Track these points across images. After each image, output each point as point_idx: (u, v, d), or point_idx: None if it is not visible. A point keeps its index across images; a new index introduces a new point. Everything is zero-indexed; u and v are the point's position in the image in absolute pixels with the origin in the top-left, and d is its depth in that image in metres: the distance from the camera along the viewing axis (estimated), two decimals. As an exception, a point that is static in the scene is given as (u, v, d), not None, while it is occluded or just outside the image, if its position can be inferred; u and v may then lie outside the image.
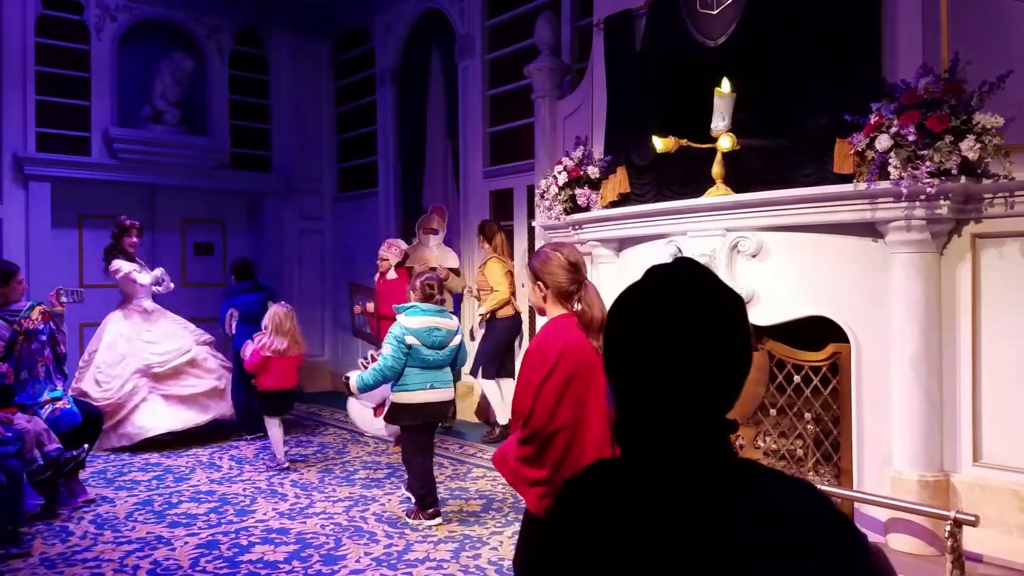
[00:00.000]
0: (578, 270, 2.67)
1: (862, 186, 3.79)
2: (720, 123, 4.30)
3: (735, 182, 4.45)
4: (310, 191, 9.81)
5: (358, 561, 3.97)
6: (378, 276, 7.21)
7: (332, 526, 4.52)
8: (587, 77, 6.04)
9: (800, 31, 4.26)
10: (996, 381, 3.70)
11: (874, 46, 4.07)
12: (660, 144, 4.56)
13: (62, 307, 5.41)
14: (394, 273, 7.06)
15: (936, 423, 3.80)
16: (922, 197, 3.64)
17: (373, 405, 5.45)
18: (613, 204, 5.35)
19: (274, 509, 4.86)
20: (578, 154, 5.66)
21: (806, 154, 4.21)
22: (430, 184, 8.53)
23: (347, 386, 4.71)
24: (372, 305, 6.96)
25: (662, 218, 4.77)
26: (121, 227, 6.81)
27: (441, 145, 8.44)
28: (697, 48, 4.80)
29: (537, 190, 6.11)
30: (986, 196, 3.68)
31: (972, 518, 3.35)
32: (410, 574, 3.80)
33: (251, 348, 5.84)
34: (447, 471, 5.67)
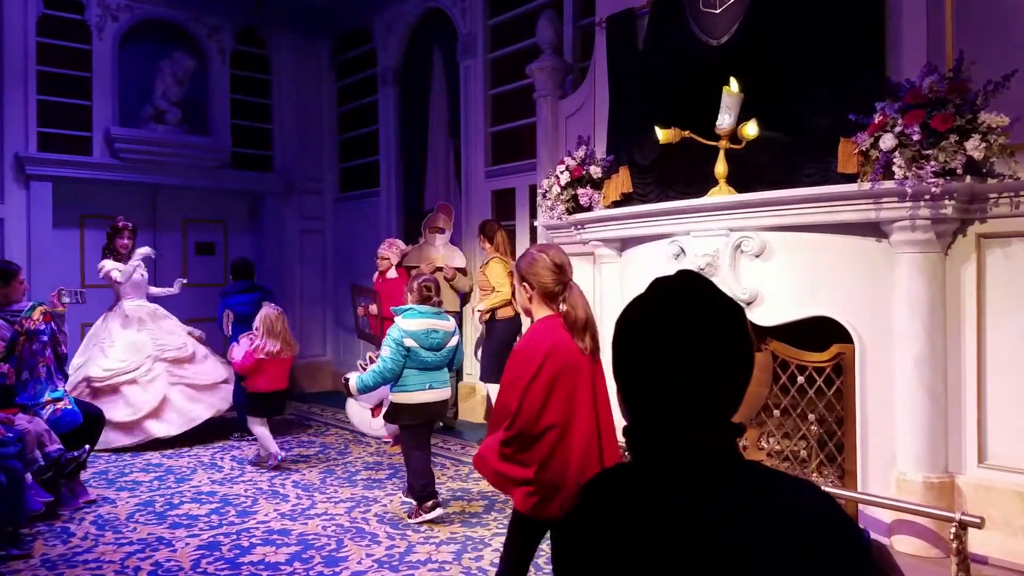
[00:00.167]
0: (563, 271, 2.70)
1: (866, 186, 3.77)
2: (726, 121, 4.29)
3: (738, 182, 4.43)
4: (311, 191, 9.80)
5: (360, 563, 3.96)
6: (377, 275, 7.19)
7: (334, 527, 4.51)
8: (589, 76, 6.02)
9: (803, 30, 4.23)
10: (1001, 382, 3.68)
11: (878, 45, 4.05)
12: (662, 135, 4.54)
13: (63, 307, 5.41)
14: (394, 272, 7.04)
15: (941, 424, 3.78)
16: (927, 197, 3.62)
17: (371, 406, 5.48)
18: (616, 204, 5.34)
19: (275, 510, 4.84)
20: (580, 154, 5.64)
21: (810, 153, 4.19)
22: (432, 184, 8.51)
23: (346, 387, 4.77)
24: (375, 307, 6.92)
25: (665, 218, 4.75)
26: (113, 228, 6.87)
27: (443, 145, 8.42)
28: (700, 47, 4.78)
29: (539, 190, 6.09)
30: (991, 196, 3.66)
31: (977, 520, 3.34)
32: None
33: (241, 350, 5.87)
34: (448, 472, 5.65)
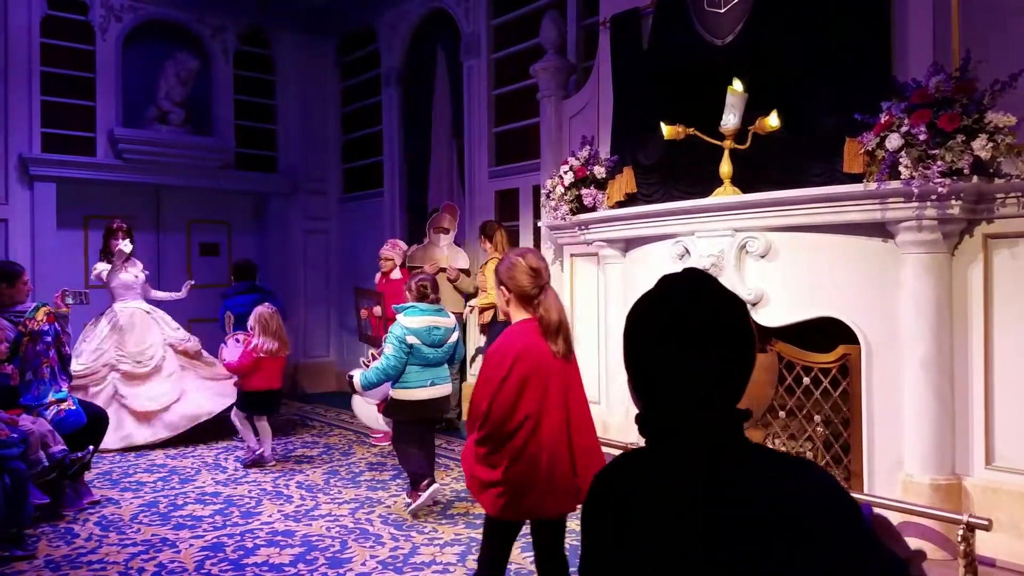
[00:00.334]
0: (539, 275, 2.77)
1: (872, 186, 3.75)
2: (731, 121, 4.27)
3: (743, 182, 4.41)
4: (315, 191, 9.79)
5: (364, 564, 3.94)
6: (380, 276, 7.18)
7: (338, 528, 4.50)
8: (593, 76, 6.01)
9: (808, 29, 4.22)
10: (1009, 383, 3.66)
11: (884, 44, 4.03)
12: (666, 131, 4.53)
13: (67, 308, 5.40)
14: (399, 273, 7.03)
15: (948, 426, 3.76)
16: (933, 197, 3.60)
17: (376, 402, 5.52)
18: (620, 204, 5.32)
19: (279, 511, 4.84)
20: (584, 154, 5.63)
21: (815, 153, 4.17)
22: (435, 184, 8.50)
23: (351, 384, 4.89)
24: (379, 308, 6.91)
25: (669, 218, 4.74)
26: (108, 230, 6.90)
27: (446, 145, 8.41)
28: (704, 47, 4.76)
29: (543, 190, 6.08)
30: (998, 196, 3.64)
31: (985, 522, 3.32)
32: (416, 577, 3.78)
33: (232, 351, 5.91)
34: (453, 472, 5.64)
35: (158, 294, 7.29)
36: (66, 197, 7.92)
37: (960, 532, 3.36)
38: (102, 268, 6.80)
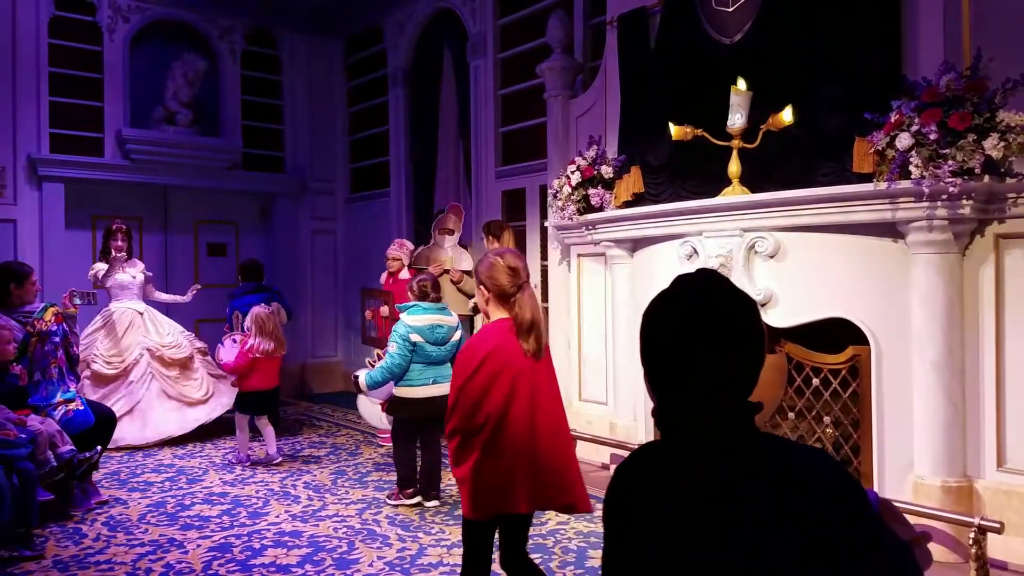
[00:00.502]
0: (517, 274, 2.82)
1: (882, 185, 3.73)
2: (738, 120, 4.25)
3: (752, 181, 4.39)
4: (323, 192, 9.79)
5: (371, 565, 3.94)
6: (387, 276, 7.16)
7: (345, 529, 4.50)
8: (600, 76, 5.99)
9: (817, 27, 4.19)
10: (1021, 384, 3.63)
11: (893, 43, 4.01)
12: (674, 131, 4.52)
13: (75, 309, 5.42)
14: (406, 273, 7.02)
15: (959, 427, 3.73)
16: (944, 197, 3.57)
17: (381, 401, 5.55)
18: (627, 204, 5.30)
19: (287, 511, 4.83)
20: (591, 154, 5.61)
21: (824, 153, 4.15)
22: (442, 184, 8.49)
23: (356, 384, 4.99)
24: (387, 309, 6.90)
25: (677, 218, 4.72)
26: (107, 231, 6.92)
27: (453, 145, 8.40)
28: (712, 45, 4.74)
29: (550, 190, 6.07)
30: (1010, 195, 3.61)
31: (997, 525, 3.29)
32: (423, 579, 3.77)
33: (229, 351, 5.92)
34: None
35: (162, 296, 7.29)
36: (74, 197, 7.95)
37: (971, 535, 3.33)
38: (99, 268, 6.83)
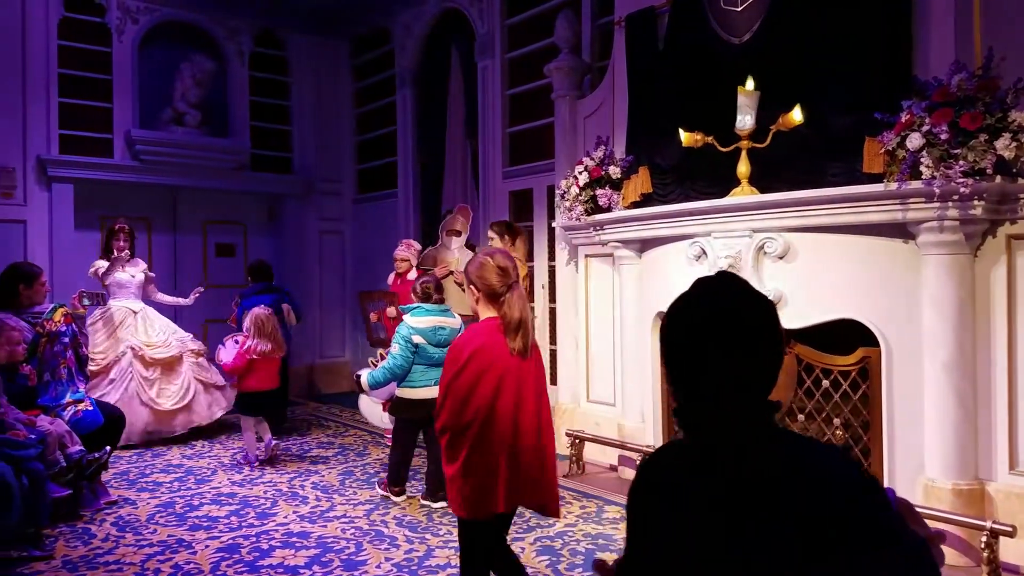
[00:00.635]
0: (507, 274, 2.85)
1: (893, 186, 3.70)
2: (747, 122, 4.23)
3: (761, 182, 4.37)
4: (330, 192, 9.81)
5: (379, 567, 3.94)
6: (395, 277, 7.16)
7: (353, 530, 4.50)
8: (608, 76, 5.97)
9: (827, 26, 4.17)
10: (1033, 386, 3.60)
11: (904, 42, 3.98)
12: (684, 138, 4.51)
13: (84, 309, 5.44)
14: (414, 274, 7.02)
15: (970, 430, 3.70)
16: (955, 197, 3.55)
17: (382, 401, 5.59)
18: (635, 205, 5.29)
19: (295, 512, 4.84)
20: (599, 154, 5.59)
21: (834, 153, 4.12)
22: (449, 185, 8.49)
23: (358, 384, 5.03)
24: (393, 309, 6.90)
25: (686, 219, 4.70)
26: (110, 231, 6.96)
27: (460, 146, 8.40)
28: (721, 45, 4.72)
29: (557, 191, 6.05)
30: (1022, 196, 3.59)
31: (1009, 528, 3.27)
32: (431, 580, 3.77)
33: (229, 352, 5.93)
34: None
35: (164, 297, 7.31)
36: (83, 198, 7.98)
37: (983, 538, 3.31)
38: (99, 265, 6.87)
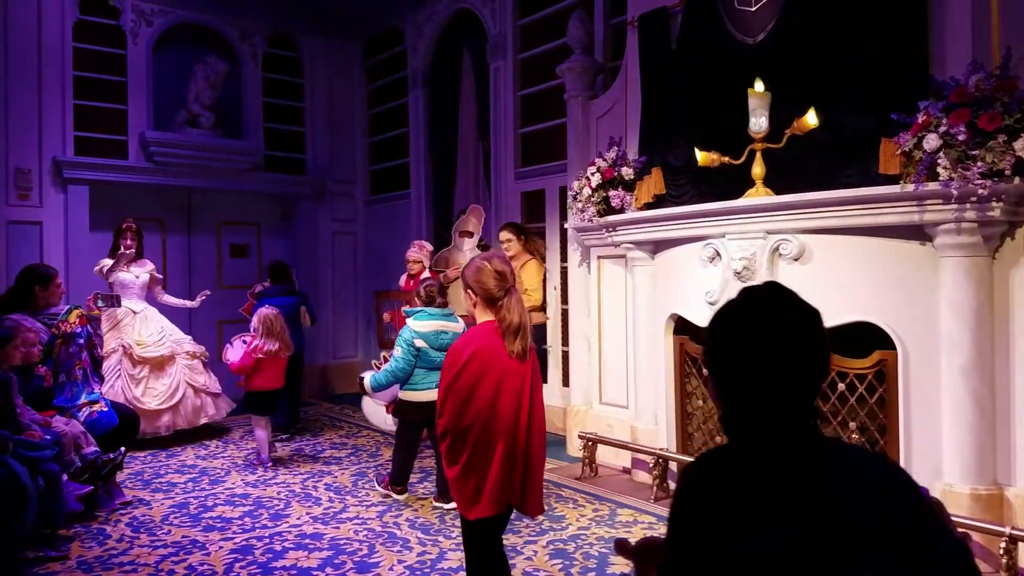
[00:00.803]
0: (504, 278, 2.87)
1: (909, 187, 3.66)
2: (761, 124, 4.19)
3: (775, 183, 4.33)
4: (343, 193, 9.84)
5: (391, 569, 3.94)
6: (406, 278, 7.17)
7: (365, 532, 4.50)
8: (621, 76, 5.94)
9: (842, 26, 4.13)
10: (1053, 390, 3.55)
11: (921, 42, 3.93)
12: (700, 157, 4.52)
13: (99, 311, 5.48)
14: (427, 275, 7.02)
15: (988, 434, 3.65)
16: (973, 199, 3.50)
17: (385, 403, 5.63)
18: (648, 206, 5.26)
19: (308, 513, 4.85)
20: (612, 155, 5.57)
21: (850, 154, 4.08)
22: (462, 185, 8.49)
23: (361, 386, 5.13)
24: (407, 308, 6.90)
25: (700, 220, 4.67)
26: (117, 230, 7.01)
27: (473, 146, 8.40)
28: (735, 45, 4.69)
29: (570, 192, 6.03)
30: (1041, 197, 3.53)
31: (1028, 534, 3.22)
32: (443, 583, 3.76)
33: (239, 351, 5.97)
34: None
35: (169, 299, 7.34)
36: (99, 200, 8.03)
37: (1002, 544, 3.27)
38: (105, 263, 6.91)
